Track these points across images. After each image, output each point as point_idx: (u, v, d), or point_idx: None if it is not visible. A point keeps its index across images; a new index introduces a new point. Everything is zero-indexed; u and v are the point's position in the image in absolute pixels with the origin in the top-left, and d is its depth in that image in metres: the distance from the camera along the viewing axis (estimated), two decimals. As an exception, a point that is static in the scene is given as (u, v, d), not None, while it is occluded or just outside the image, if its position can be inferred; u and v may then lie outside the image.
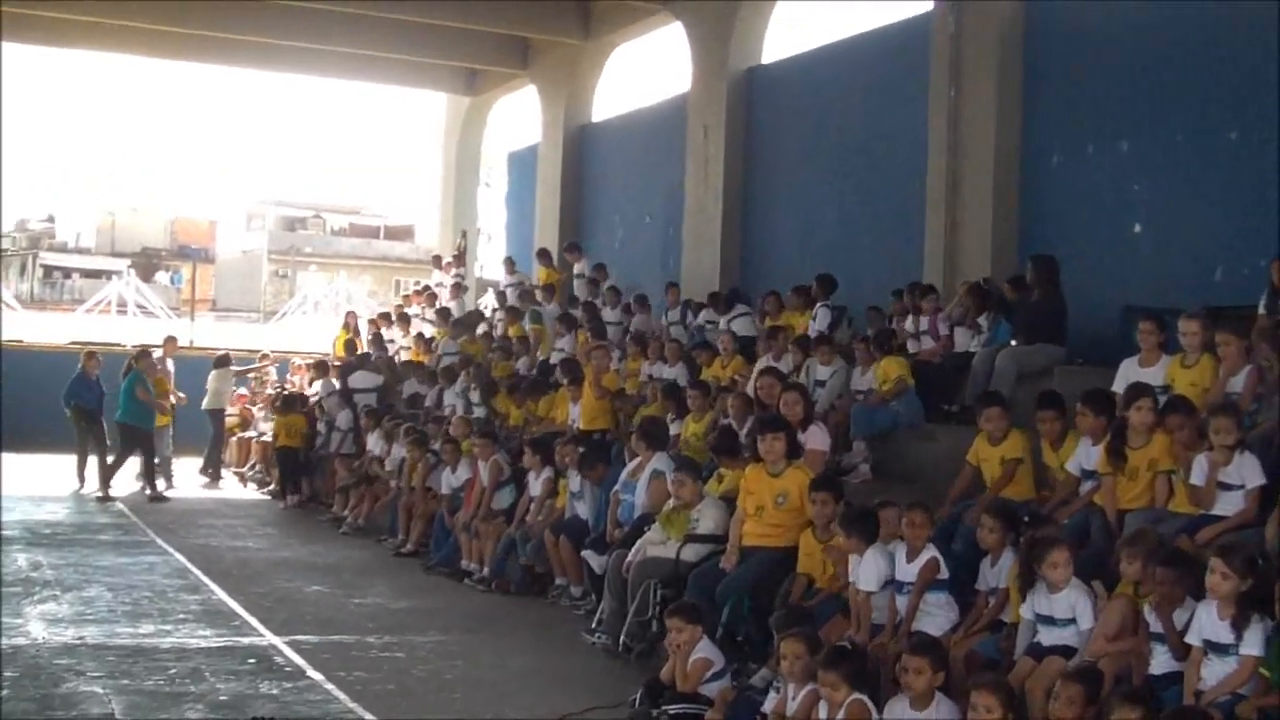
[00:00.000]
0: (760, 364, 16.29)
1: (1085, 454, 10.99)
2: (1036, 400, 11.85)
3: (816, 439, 13.02)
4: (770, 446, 11.81)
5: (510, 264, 29.55)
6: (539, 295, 25.87)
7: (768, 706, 9.61)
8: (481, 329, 26.86)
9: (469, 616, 14.07)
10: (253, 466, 27.31)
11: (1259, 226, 14.28)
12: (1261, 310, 12.44)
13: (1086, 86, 16.88)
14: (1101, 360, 13.90)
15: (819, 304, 18.09)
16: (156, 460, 23.85)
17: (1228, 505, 9.75)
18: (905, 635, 9.84)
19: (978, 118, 17.78)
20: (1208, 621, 8.08)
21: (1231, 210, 14.92)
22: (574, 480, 15.05)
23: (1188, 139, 15.49)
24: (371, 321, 31.06)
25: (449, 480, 17.90)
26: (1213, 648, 8.04)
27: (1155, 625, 8.49)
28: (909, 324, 16.78)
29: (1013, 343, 14.76)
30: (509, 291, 27.80)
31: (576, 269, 26.27)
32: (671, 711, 9.94)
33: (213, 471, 26.85)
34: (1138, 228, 16.10)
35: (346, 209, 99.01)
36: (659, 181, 26.09)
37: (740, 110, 23.50)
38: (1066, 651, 8.85)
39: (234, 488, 26.36)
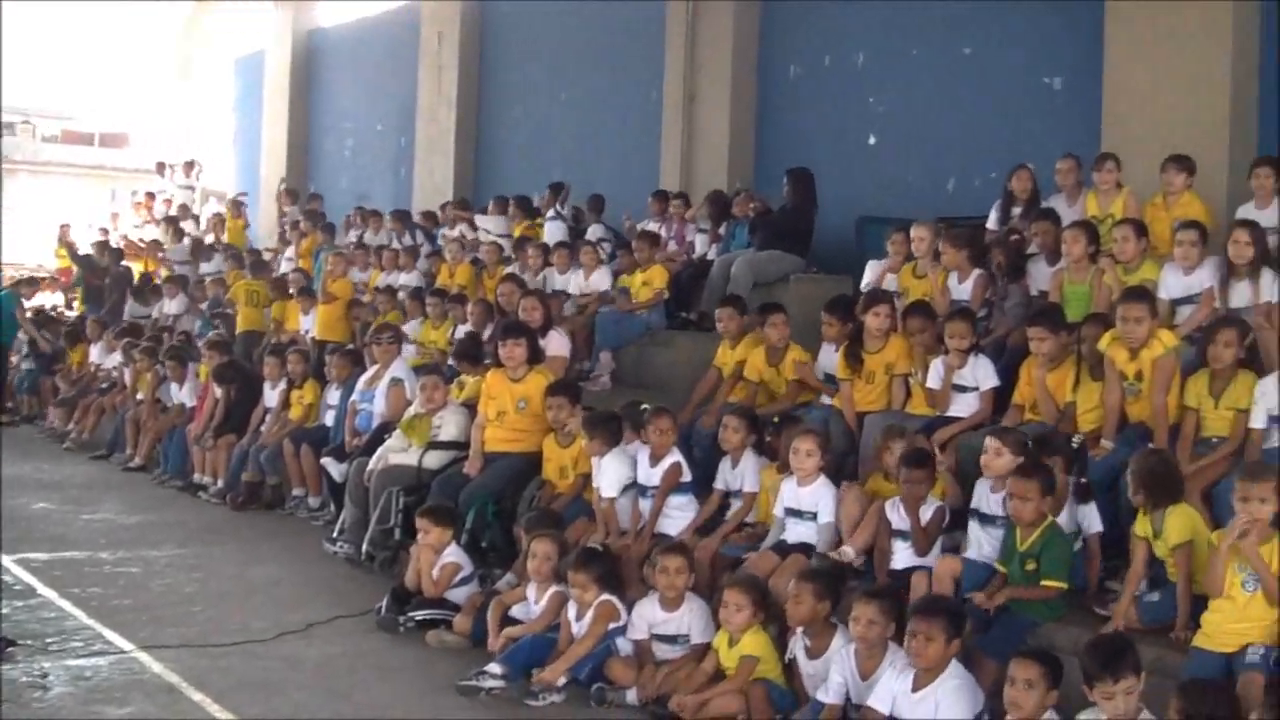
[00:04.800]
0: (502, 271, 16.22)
1: (827, 358, 11.21)
2: (760, 308, 11.98)
3: (557, 344, 13.00)
4: (511, 352, 11.75)
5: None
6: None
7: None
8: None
9: (205, 530, 13.70)
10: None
11: (991, 139, 14.67)
12: (992, 221, 12.79)
13: (824, -1, 17.06)
14: (837, 269, 14.17)
15: (551, 210, 18.02)
16: None
17: (963, 406, 10.09)
18: (648, 537, 9.92)
19: (715, 28, 17.87)
20: (983, 494, 8.50)
21: (965, 123, 15.28)
22: (332, 393, 14.75)
23: (923, 52, 15.80)
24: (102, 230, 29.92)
25: (177, 395, 17.40)
26: (983, 519, 8.44)
27: (897, 522, 8.73)
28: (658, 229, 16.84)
29: (751, 250, 14.90)
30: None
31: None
32: (418, 617, 9.91)
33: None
34: (873, 139, 16.40)
35: (58, 115, 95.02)
36: (391, 90, 25.68)
37: (474, 17, 23.25)
38: (808, 549, 9.09)
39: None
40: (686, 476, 10.21)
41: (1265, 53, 12.71)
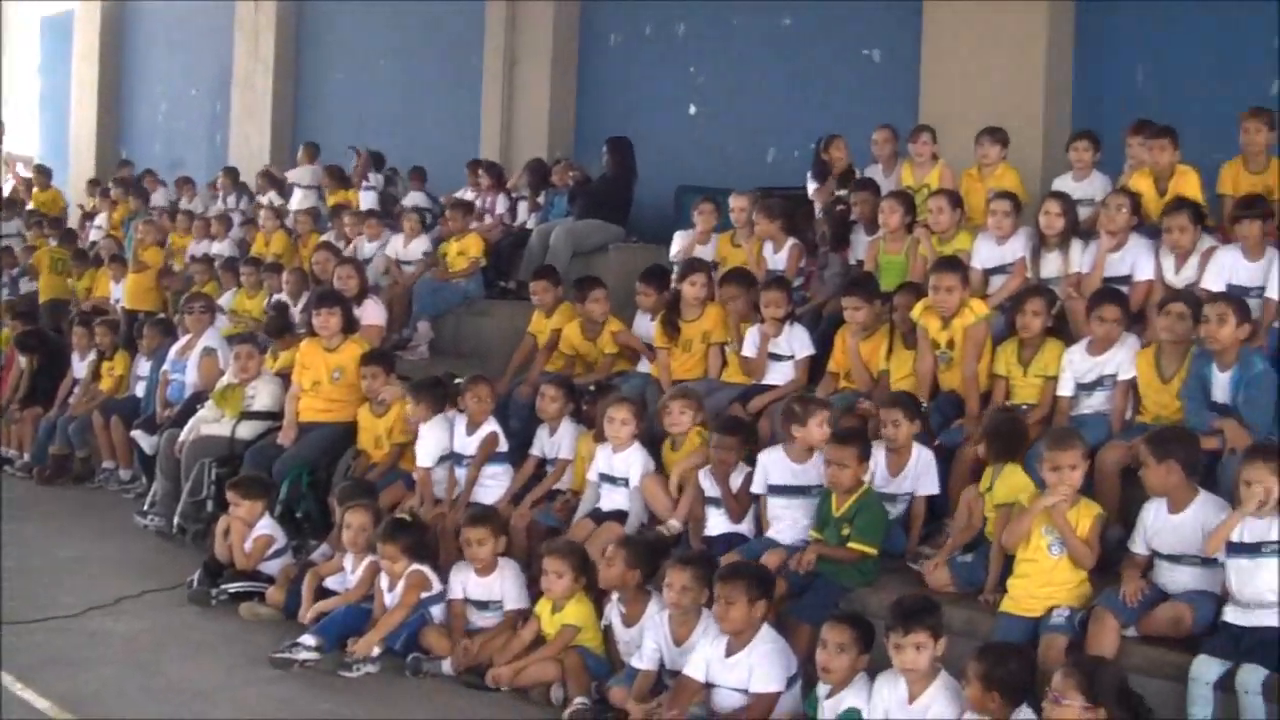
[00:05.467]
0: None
1: (642, 328, 11.23)
2: (576, 283, 11.89)
3: (372, 313, 12.84)
4: (325, 321, 11.58)
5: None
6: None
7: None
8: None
9: (11, 505, 13.19)
10: None
11: (811, 110, 14.76)
12: (811, 192, 12.88)
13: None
14: (656, 238, 14.17)
15: (367, 178, 17.82)
16: None
17: (778, 375, 10.14)
18: (464, 506, 9.86)
19: (535, -6, 17.75)
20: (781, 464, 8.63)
21: (785, 94, 15.36)
22: (143, 364, 14.38)
23: (744, 22, 15.85)
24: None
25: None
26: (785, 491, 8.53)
27: (710, 489, 8.75)
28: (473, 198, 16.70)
29: (569, 219, 14.85)
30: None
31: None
32: (231, 590, 9.76)
33: None
34: (693, 109, 16.42)
35: None
36: (206, 53, 25.07)
37: (292, -19, 22.80)
38: (622, 516, 9.12)
39: None
40: (503, 445, 10.18)
41: (1081, 27, 12.98)
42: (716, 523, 8.77)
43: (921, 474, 8.63)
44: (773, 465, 8.58)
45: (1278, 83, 11.98)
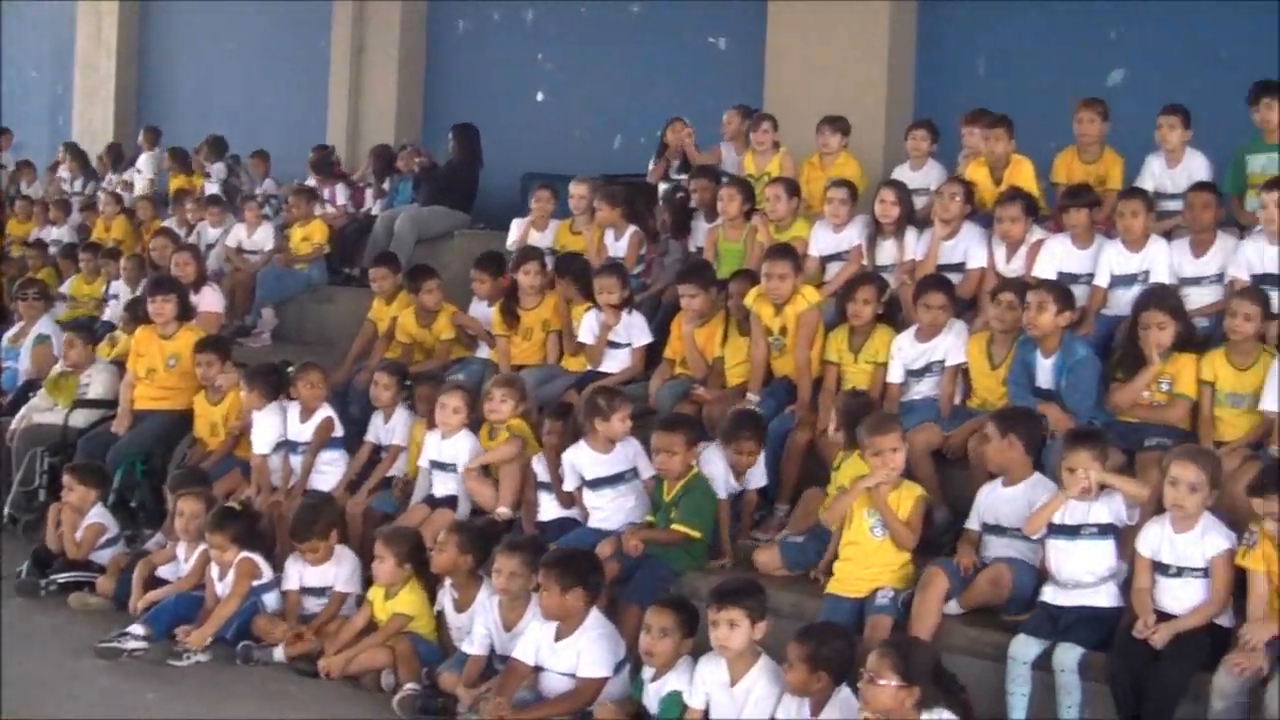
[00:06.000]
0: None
1: (479, 314, 11.28)
2: (409, 273, 11.83)
3: (209, 300, 12.68)
4: (160, 308, 11.39)
5: None
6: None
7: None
8: None
9: None
10: None
11: (657, 98, 14.80)
12: (651, 174, 12.94)
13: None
14: (503, 225, 14.13)
15: (211, 165, 17.58)
16: None
17: (615, 362, 10.21)
18: (300, 493, 9.79)
19: (382, -20, 17.62)
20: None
21: (631, 81, 15.42)
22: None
23: (592, 10, 15.89)
24: None
25: None
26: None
27: (542, 474, 8.78)
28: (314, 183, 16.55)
29: (415, 206, 14.77)
30: None
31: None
32: (61, 580, 9.60)
33: None
34: (541, 96, 16.42)
35: None
36: (47, 35, 24.53)
37: (136, -39, 22.39)
38: (455, 502, 9.14)
39: None
40: (338, 431, 10.12)
41: (923, 19, 13.18)
42: (549, 508, 8.79)
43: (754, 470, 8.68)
44: (580, 461, 8.59)
45: (1114, 73, 12.26)
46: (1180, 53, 12.09)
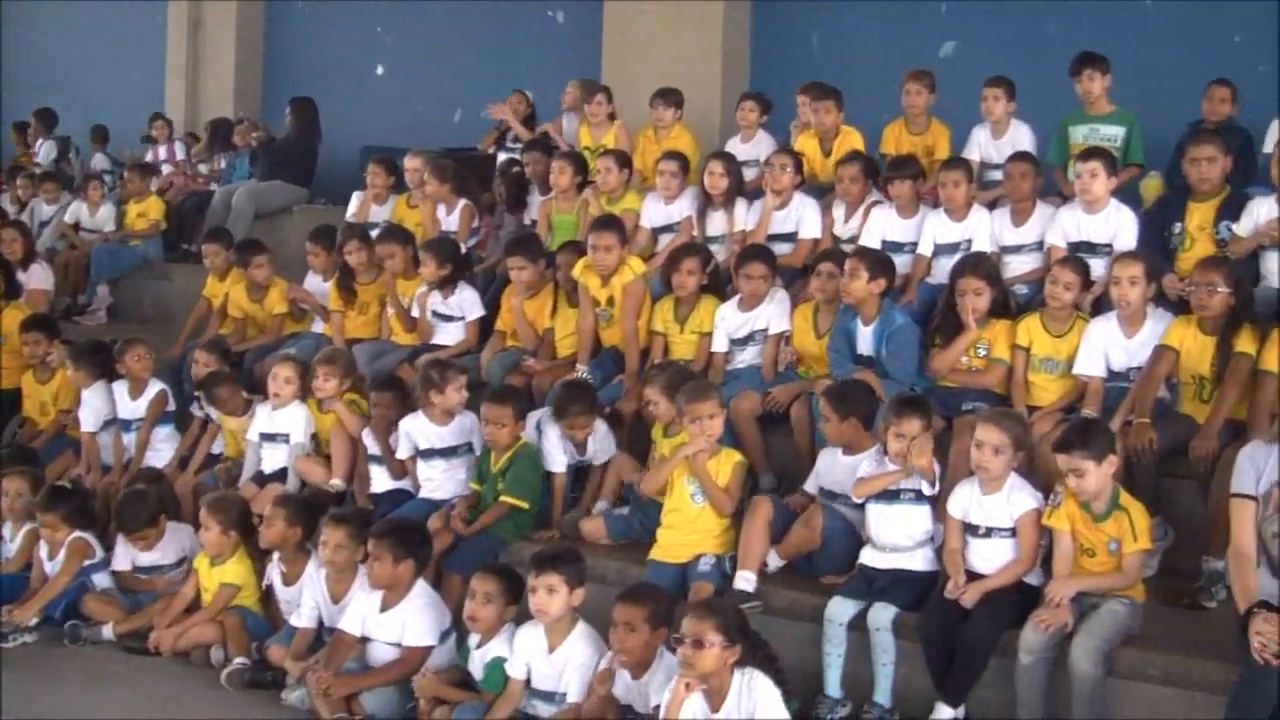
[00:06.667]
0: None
1: (314, 287, 11.27)
2: (237, 248, 11.73)
3: (38, 278, 12.55)
4: (-14, 287, 11.28)
5: None
6: None
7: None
8: None
9: None
10: None
11: (496, 71, 14.84)
12: (481, 146, 12.97)
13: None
14: (343, 200, 14.07)
15: (41, 139, 17.30)
16: None
17: (447, 335, 10.24)
18: (135, 471, 9.77)
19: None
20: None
21: (471, 55, 15.44)
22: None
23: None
24: None
25: None
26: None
27: (372, 447, 8.81)
28: (150, 156, 16.38)
29: (252, 181, 14.67)
30: None
31: None
32: (-126, 565, 9.43)
33: None
34: (381, 69, 16.36)
35: None
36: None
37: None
38: (285, 475, 9.16)
39: None
40: (170, 406, 10.10)
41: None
42: (381, 480, 8.82)
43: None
44: (416, 430, 8.63)
45: (945, 45, 12.49)
46: (1010, 25, 12.35)
